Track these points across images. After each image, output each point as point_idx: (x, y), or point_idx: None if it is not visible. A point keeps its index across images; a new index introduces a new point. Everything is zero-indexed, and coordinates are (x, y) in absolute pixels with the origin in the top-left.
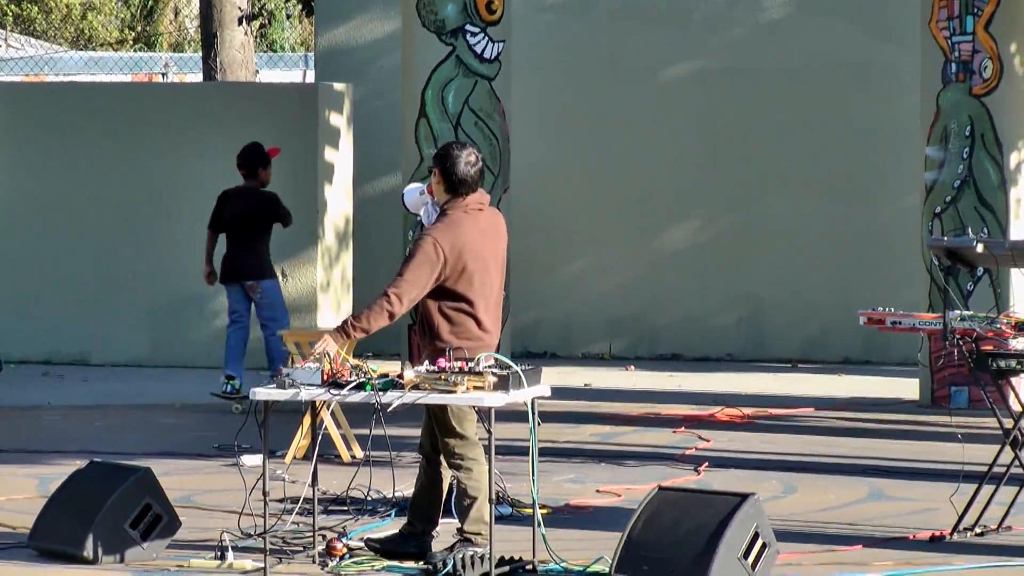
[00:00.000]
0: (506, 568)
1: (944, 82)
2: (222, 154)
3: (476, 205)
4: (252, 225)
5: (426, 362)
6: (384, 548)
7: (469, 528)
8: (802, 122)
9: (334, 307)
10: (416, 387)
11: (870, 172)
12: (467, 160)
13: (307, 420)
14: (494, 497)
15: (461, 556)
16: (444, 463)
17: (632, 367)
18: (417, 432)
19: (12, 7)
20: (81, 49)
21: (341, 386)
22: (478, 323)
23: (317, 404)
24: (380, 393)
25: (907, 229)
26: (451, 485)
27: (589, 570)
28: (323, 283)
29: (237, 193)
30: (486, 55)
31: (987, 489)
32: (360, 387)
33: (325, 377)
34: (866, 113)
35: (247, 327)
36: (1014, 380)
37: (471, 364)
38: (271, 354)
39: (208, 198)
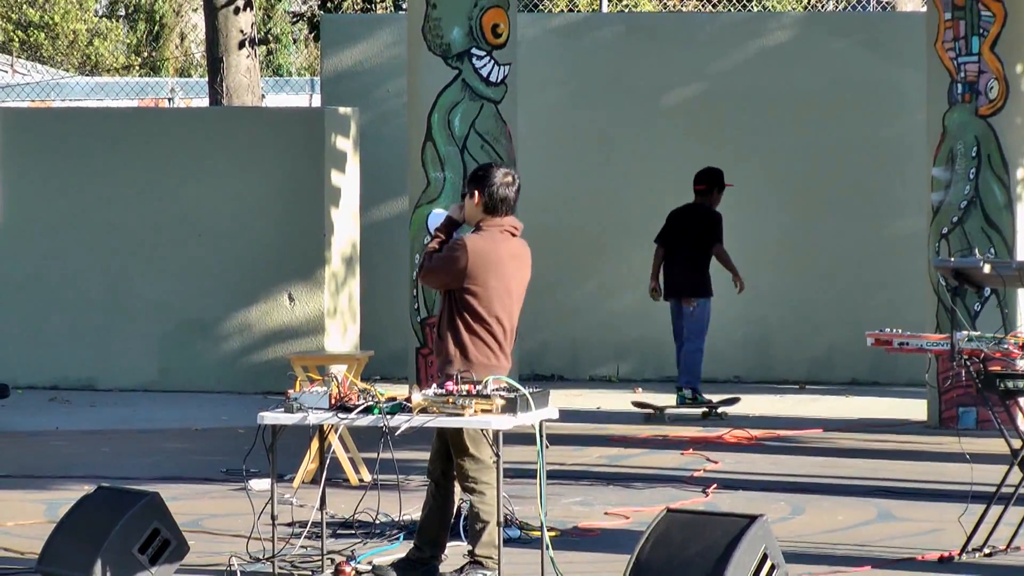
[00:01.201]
0: None
1: (950, 103)
2: (229, 178)
3: (510, 228)
4: (695, 242)
5: (434, 385)
6: (391, 573)
7: (480, 552)
8: (809, 143)
9: (341, 330)
10: (424, 410)
11: (876, 193)
12: (505, 181)
13: (315, 444)
14: (502, 520)
15: None
16: (453, 487)
17: (640, 389)
18: (425, 455)
19: (19, 33)
20: (87, 75)
21: (349, 410)
22: (500, 346)
23: (325, 428)
24: (388, 417)
25: (914, 250)
26: (458, 508)
27: None
28: (330, 306)
29: (684, 211)
30: (492, 78)
31: (995, 510)
32: (368, 411)
33: (333, 401)
34: (872, 134)
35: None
36: (1022, 400)
37: (479, 387)
38: (682, 366)
39: (214, 221)
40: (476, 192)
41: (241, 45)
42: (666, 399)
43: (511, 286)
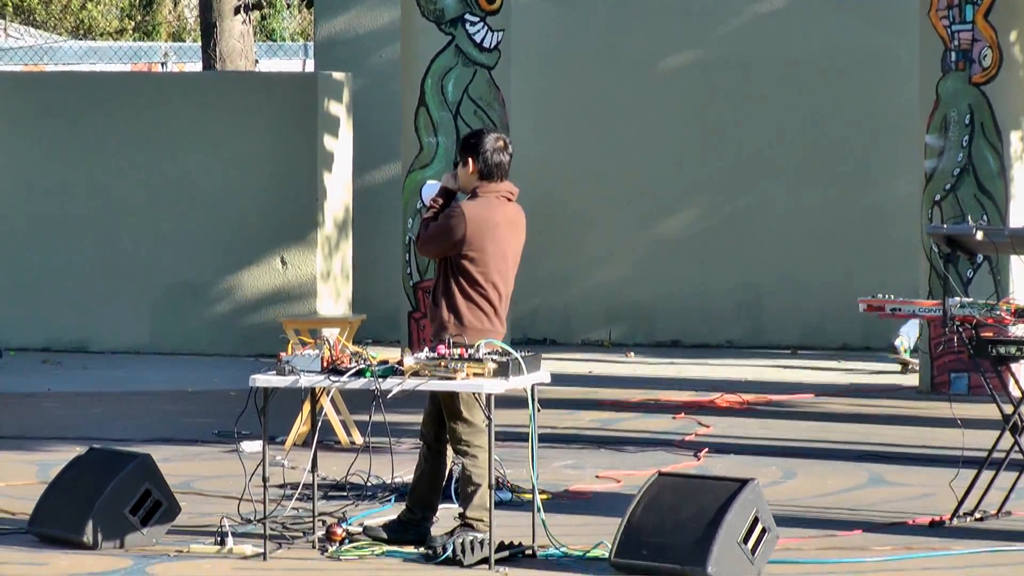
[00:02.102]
0: (506, 553)
1: (944, 71)
2: (222, 143)
3: (506, 193)
4: None
5: (426, 349)
6: (383, 535)
7: (471, 514)
8: (801, 111)
9: (333, 294)
10: (416, 374)
11: (869, 160)
12: (498, 146)
13: (307, 406)
14: (494, 483)
15: (461, 541)
16: (445, 450)
17: (631, 354)
18: (417, 419)
19: None
20: (80, 39)
21: (341, 373)
22: (495, 311)
23: (317, 391)
24: (380, 380)
25: (906, 216)
26: (450, 471)
27: (589, 555)
28: (323, 271)
29: None
30: (485, 44)
31: (987, 474)
32: (360, 374)
33: (325, 364)
34: (865, 101)
35: None
36: (1013, 366)
37: (471, 351)
38: None
39: (208, 186)
40: (470, 159)
41: (237, 11)
42: (656, 364)
43: (507, 251)
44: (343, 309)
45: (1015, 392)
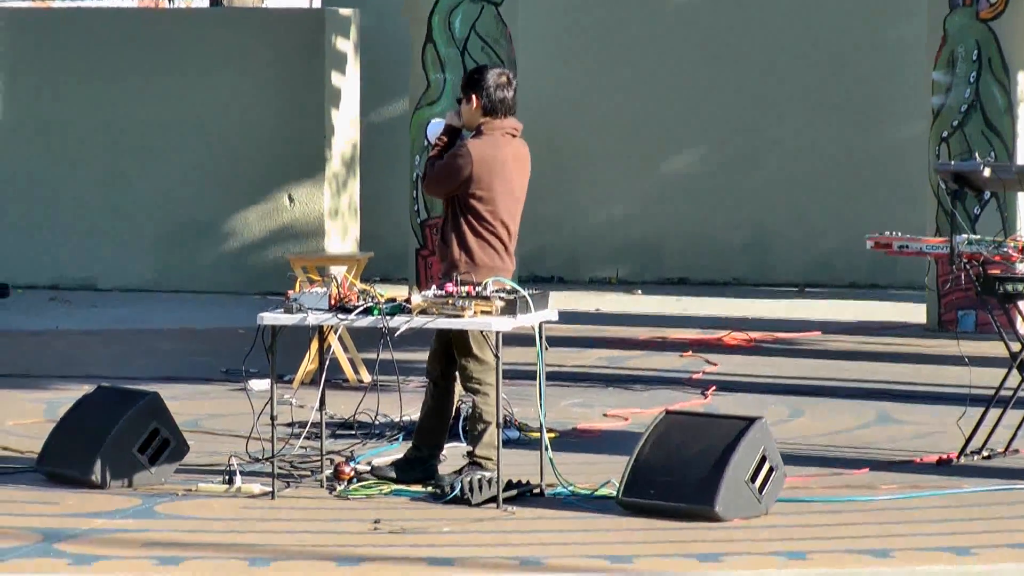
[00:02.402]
0: (514, 492)
1: (951, 6)
2: (228, 80)
3: (511, 129)
4: None
5: (434, 287)
6: (390, 474)
7: (480, 452)
8: (808, 47)
9: (341, 232)
10: (423, 312)
11: (876, 96)
12: (501, 81)
13: (315, 345)
14: (502, 421)
15: (469, 479)
16: (453, 388)
17: (639, 291)
18: (425, 357)
19: None
20: None
21: (348, 310)
22: (505, 248)
23: (325, 329)
24: (387, 318)
25: (914, 153)
26: (457, 409)
27: (597, 494)
28: (331, 208)
29: None
30: None
31: (994, 412)
32: (367, 311)
33: (332, 301)
34: (872, 37)
35: None
36: (1021, 304)
37: (479, 289)
38: None
39: (214, 123)
40: (473, 96)
41: None
42: (663, 302)
43: (515, 189)
44: (350, 246)
45: (1022, 330)
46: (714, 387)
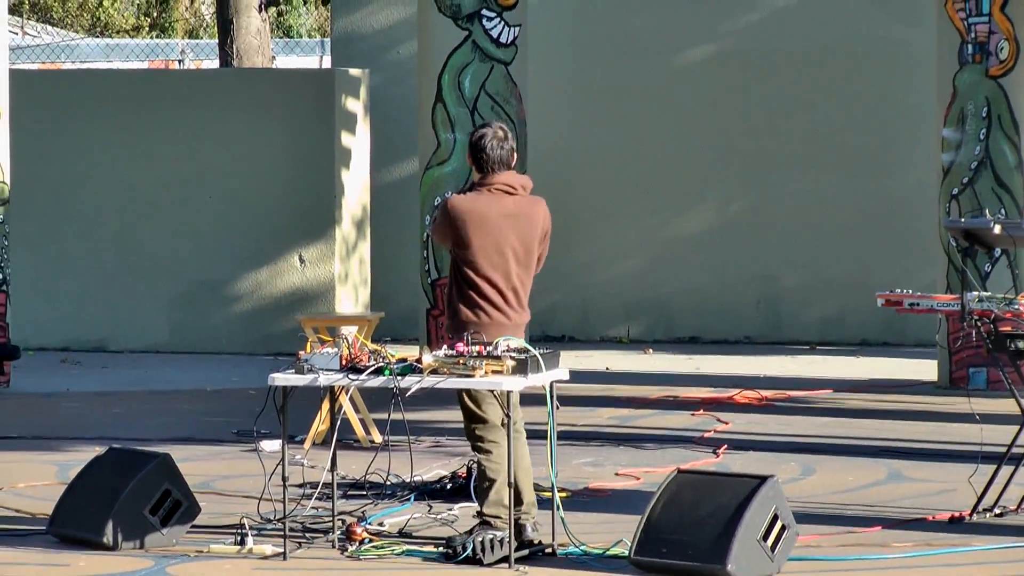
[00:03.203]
0: (526, 551)
1: (961, 63)
2: (239, 140)
3: (501, 185)
4: None
5: (444, 347)
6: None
7: (488, 511)
8: (819, 102)
9: (351, 292)
10: (434, 372)
11: (887, 153)
12: (495, 138)
13: (326, 405)
14: (513, 480)
15: (481, 539)
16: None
17: (650, 350)
18: (436, 416)
19: None
20: (97, 36)
21: (360, 371)
22: (492, 305)
23: (336, 389)
24: (399, 378)
25: (924, 210)
26: (469, 468)
27: (609, 553)
28: (341, 267)
29: None
30: (502, 40)
31: (1006, 470)
32: (379, 372)
33: (344, 362)
34: (882, 93)
35: None
36: None
37: (489, 348)
38: None
39: (225, 183)
40: (469, 152)
41: (258, 7)
42: (675, 360)
43: (503, 245)
44: (361, 307)
45: None
46: (726, 446)
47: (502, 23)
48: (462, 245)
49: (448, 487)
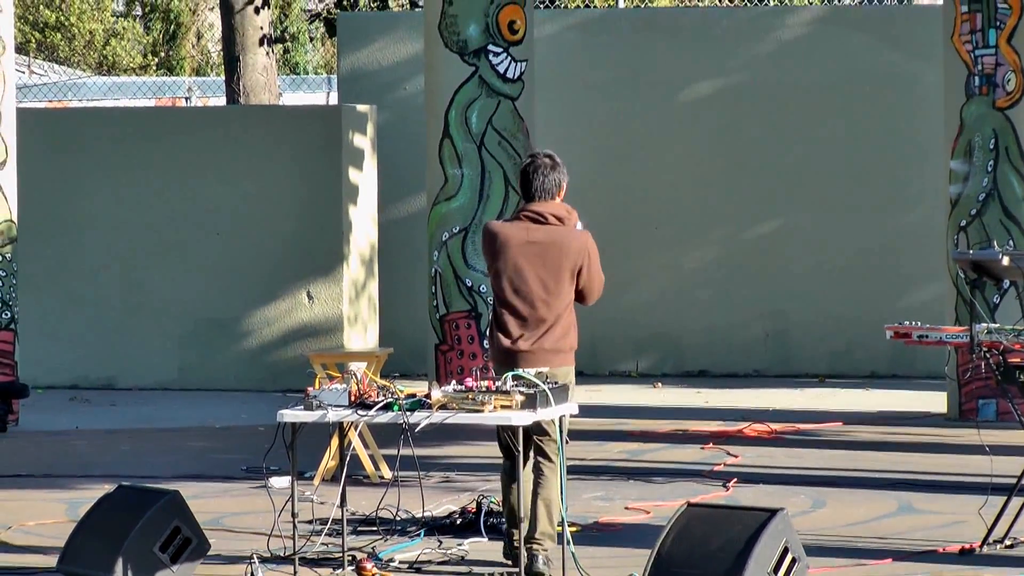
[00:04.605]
0: None
1: (967, 95)
2: (246, 177)
3: (531, 213)
4: None
5: (453, 382)
6: None
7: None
8: (826, 137)
9: (360, 328)
10: (443, 407)
11: (894, 186)
12: (539, 166)
13: (335, 441)
14: (519, 507)
15: (491, 575)
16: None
17: (659, 384)
18: (445, 452)
19: (36, 34)
20: (104, 75)
21: (368, 407)
22: (501, 328)
23: (345, 425)
24: (408, 413)
25: (932, 242)
26: (478, 504)
27: None
28: (349, 303)
29: None
30: (509, 75)
31: (1016, 501)
32: (387, 407)
33: (352, 398)
34: (889, 128)
35: None
36: None
37: (498, 383)
38: None
39: (233, 220)
40: (518, 177)
41: (262, 42)
42: (684, 394)
43: (526, 272)
44: (370, 343)
45: None
46: (735, 479)
47: (508, 58)
48: (489, 268)
49: (458, 522)
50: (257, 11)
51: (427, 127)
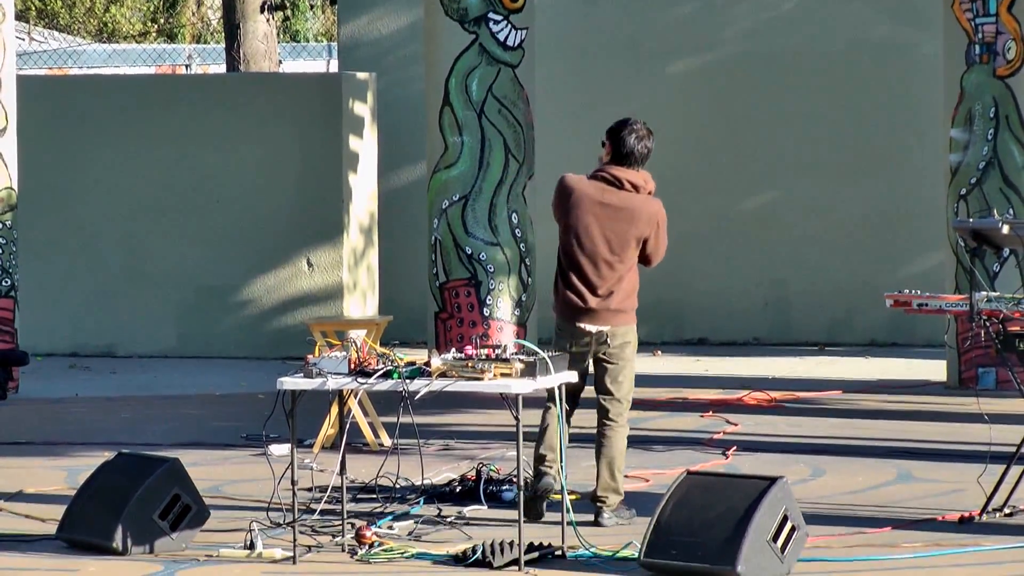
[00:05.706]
0: (535, 554)
1: (968, 64)
2: (246, 145)
3: (608, 175)
4: None
5: (453, 350)
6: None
7: (600, 494)
8: (826, 104)
9: (360, 296)
10: (443, 375)
11: (894, 154)
12: (632, 131)
13: (335, 409)
14: (523, 483)
15: (490, 542)
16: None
17: (659, 352)
18: (444, 419)
19: (35, 1)
20: (104, 42)
21: (368, 374)
22: (568, 284)
23: (345, 393)
24: (407, 381)
25: (932, 211)
26: (478, 472)
27: (618, 555)
28: (349, 271)
29: None
30: (509, 42)
31: (1015, 470)
32: (387, 375)
33: (352, 366)
34: (889, 96)
35: None
36: None
37: (498, 351)
38: None
39: (233, 188)
40: (607, 134)
41: (262, 9)
42: (683, 362)
43: (593, 231)
44: (370, 311)
45: None
46: (735, 447)
47: (509, 26)
48: (559, 222)
49: (457, 490)
50: None
51: (427, 95)
